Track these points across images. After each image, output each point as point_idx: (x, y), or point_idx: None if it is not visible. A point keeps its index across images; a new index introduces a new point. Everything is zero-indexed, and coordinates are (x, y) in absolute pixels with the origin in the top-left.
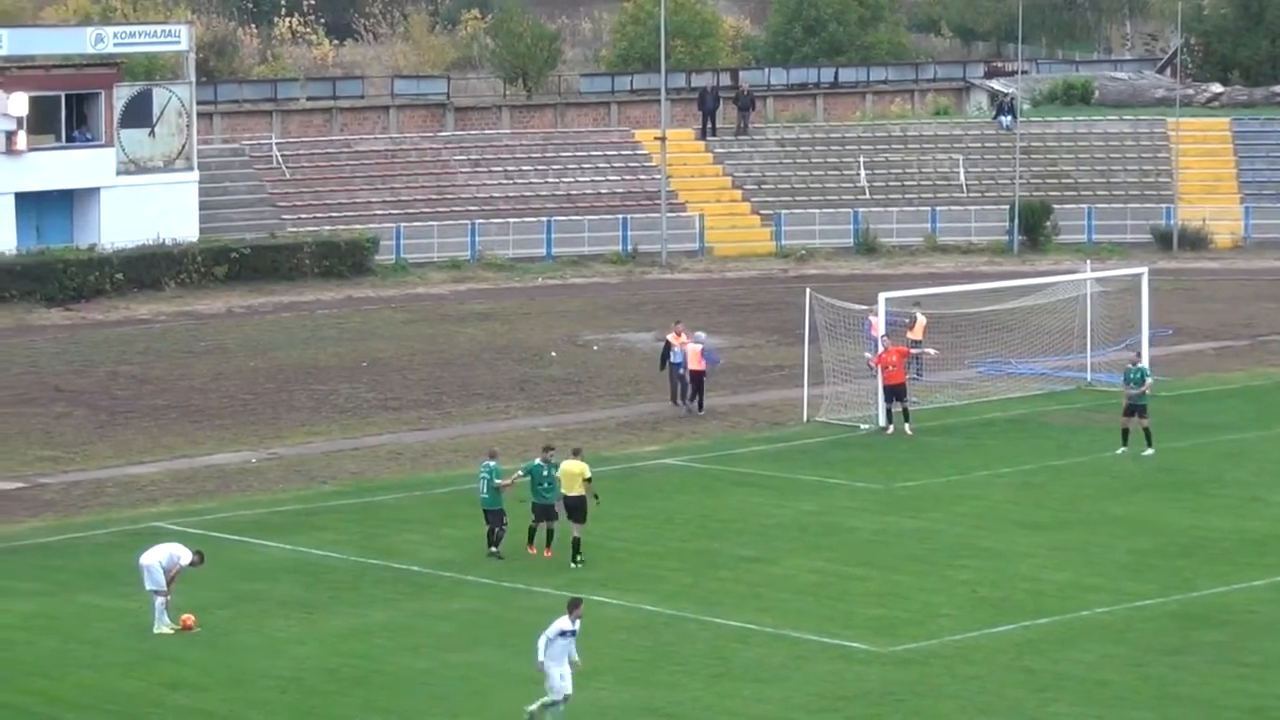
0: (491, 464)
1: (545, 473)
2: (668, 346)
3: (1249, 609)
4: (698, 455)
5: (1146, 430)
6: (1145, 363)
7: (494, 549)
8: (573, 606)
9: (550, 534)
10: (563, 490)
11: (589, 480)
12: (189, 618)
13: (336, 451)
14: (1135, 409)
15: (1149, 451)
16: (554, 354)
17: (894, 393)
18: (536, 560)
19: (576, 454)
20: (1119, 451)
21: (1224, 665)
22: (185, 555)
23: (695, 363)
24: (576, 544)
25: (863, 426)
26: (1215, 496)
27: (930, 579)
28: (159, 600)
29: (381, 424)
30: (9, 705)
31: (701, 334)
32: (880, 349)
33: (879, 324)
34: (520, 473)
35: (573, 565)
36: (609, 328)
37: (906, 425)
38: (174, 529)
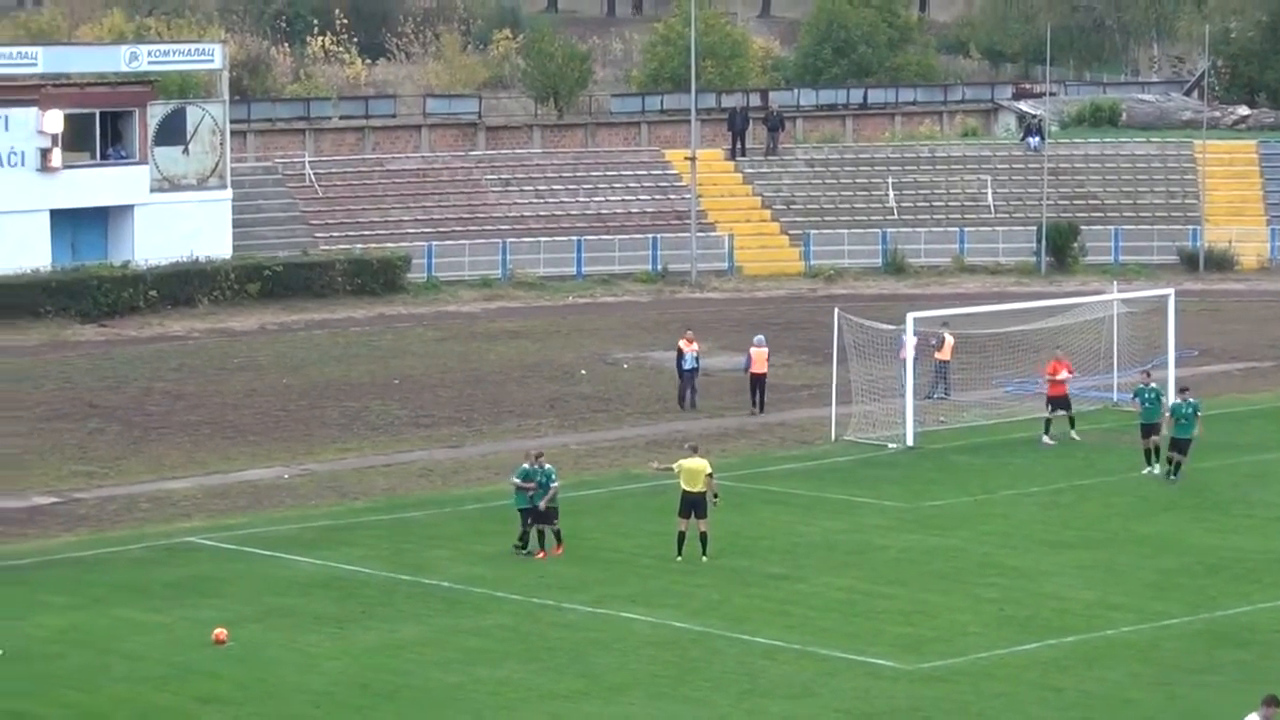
0: (548, 467)
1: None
2: (680, 353)
3: (1274, 628)
4: (727, 473)
5: (1157, 449)
6: (1170, 382)
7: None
8: None
9: (542, 535)
10: (685, 487)
11: (710, 475)
12: (222, 632)
13: (368, 468)
14: (1152, 429)
15: (1155, 470)
16: (584, 372)
17: (1058, 404)
18: (566, 576)
19: (695, 451)
20: (1145, 471)
21: (1250, 684)
22: None
23: (760, 365)
24: (704, 539)
25: (890, 445)
26: (1240, 517)
27: (957, 597)
28: None
29: (413, 441)
30: (44, 718)
31: (761, 336)
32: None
33: (908, 346)
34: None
35: (704, 559)
36: (639, 346)
37: (1073, 432)
38: (207, 544)
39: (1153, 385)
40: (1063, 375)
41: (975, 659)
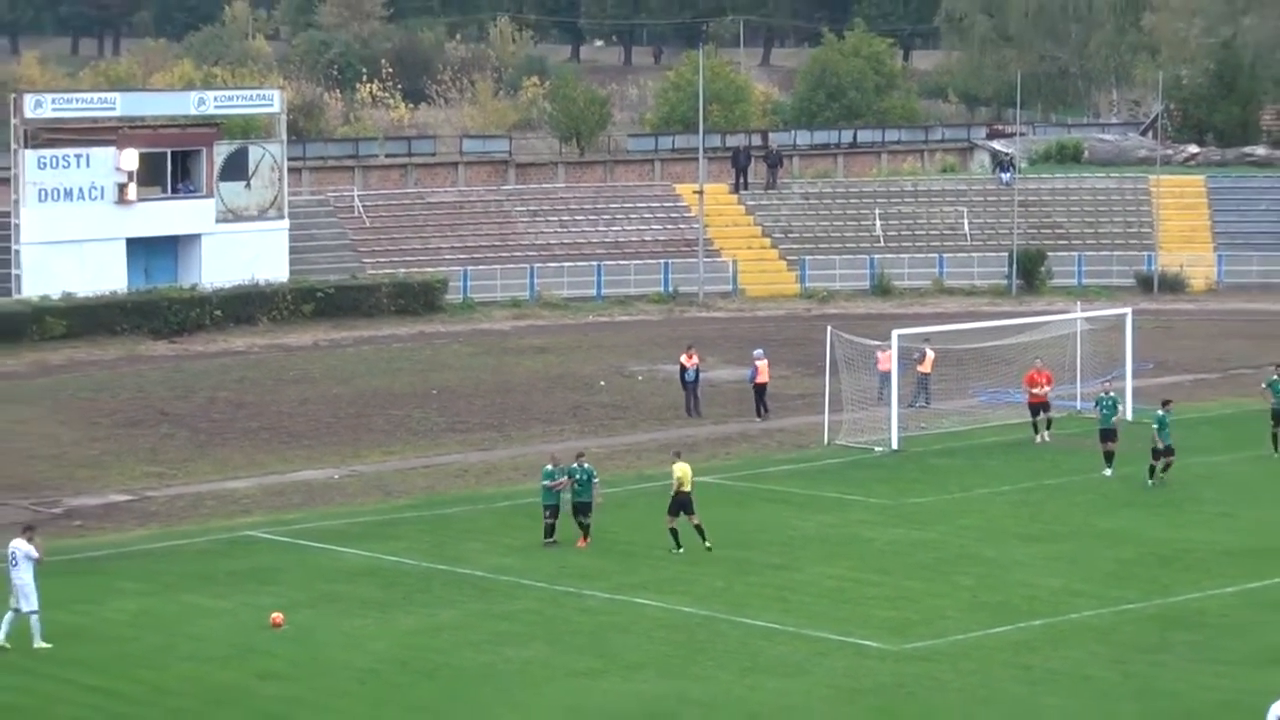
0: (588, 466)
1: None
2: (682, 368)
3: (1221, 613)
4: (730, 474)
5: (1109, 454)
6: (1128, 392)
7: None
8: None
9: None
10: (680, 488)
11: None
12: (278, 616)
13: (409, 469)
14: (1110, 434)
15: (1107, 473)
16: (603, 383)
17: (1039, 408)
18: (585, 566)
19: (678, 456)
20: (1105, 473)
21: (1199, 663)
22: (26, 548)
23: (763, 376)
24: (700, 530)
25: (877, 449)
26: (1192, 513)
27: (937, 585)
28: (35, 619)
29: (449, 445)
30: (119, 693)
31: (760, 350)
32: (890, 380)
33: (885, 359)
34: (567, 477)
35: (707, 547)
36: (652, 360)
37: (1047, 433)
38: (265, 536)
39: (1111, 395)
40: (1045, 390)
41: (953, 640)
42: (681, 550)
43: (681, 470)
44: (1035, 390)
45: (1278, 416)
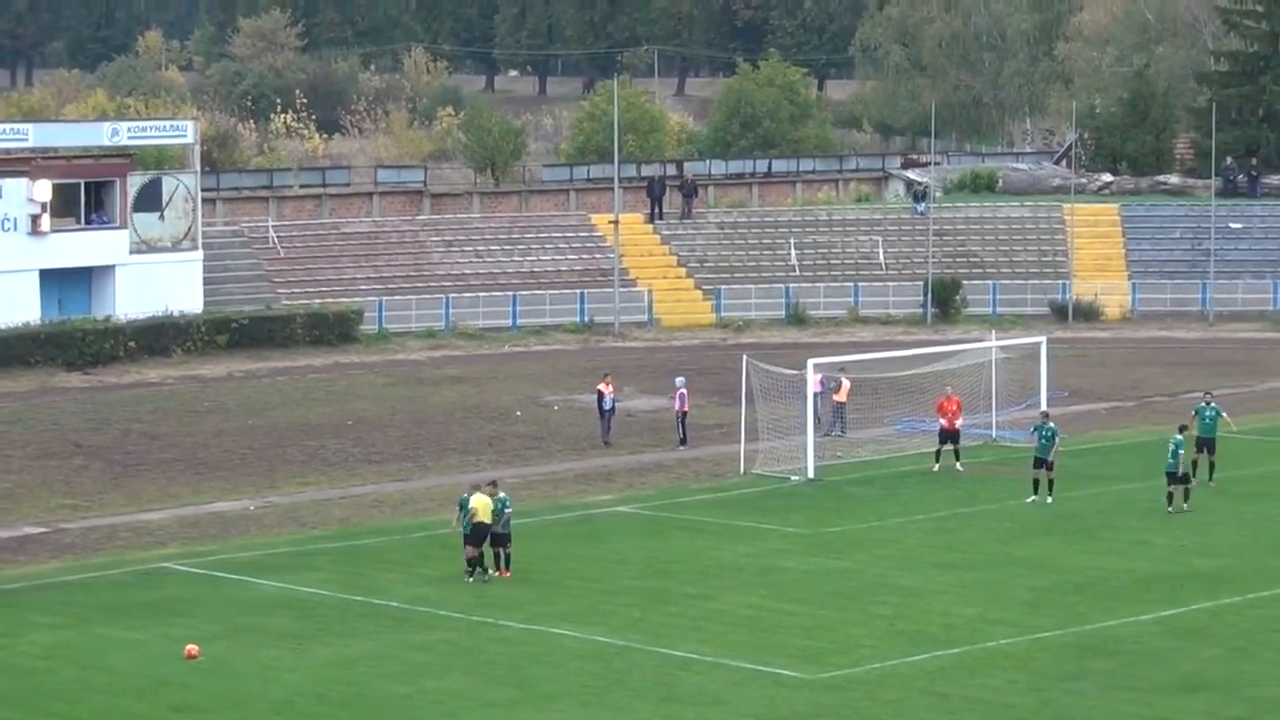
0: (502, 495)
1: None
2: (600, 395)
3: (1136, 640)
4: (647, 503)
5: (1050, 482)
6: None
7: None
8: None
9: (497, 556)
10: (480, 519)
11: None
12: (193, 648)
13: (325, 500)
14: (1044, 462)
15: (1048, 500)
16: (519, 413)
17: (949, 437)
18: (502, 596)
19: (493, 486)
20: (1029, 500)
21: (1115, 690)
22: None
23: (684, 404)
24: (497, 559)
25: (793, 478)
26: (1106, 540)
27: (853, 613)
28: None
29: (365, 475)
30: None
31: (682, 379)
32: (819, 402)
33: (816, 381)
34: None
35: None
36: (568, 390)
37: (958, 464)
38: (180, 569)
39: (1050, 425)
40: (958, 423)
41: (870, 669)
42: (483, 578)
43: (478, 501)
44: (945, 417)
45: (1203, 446)
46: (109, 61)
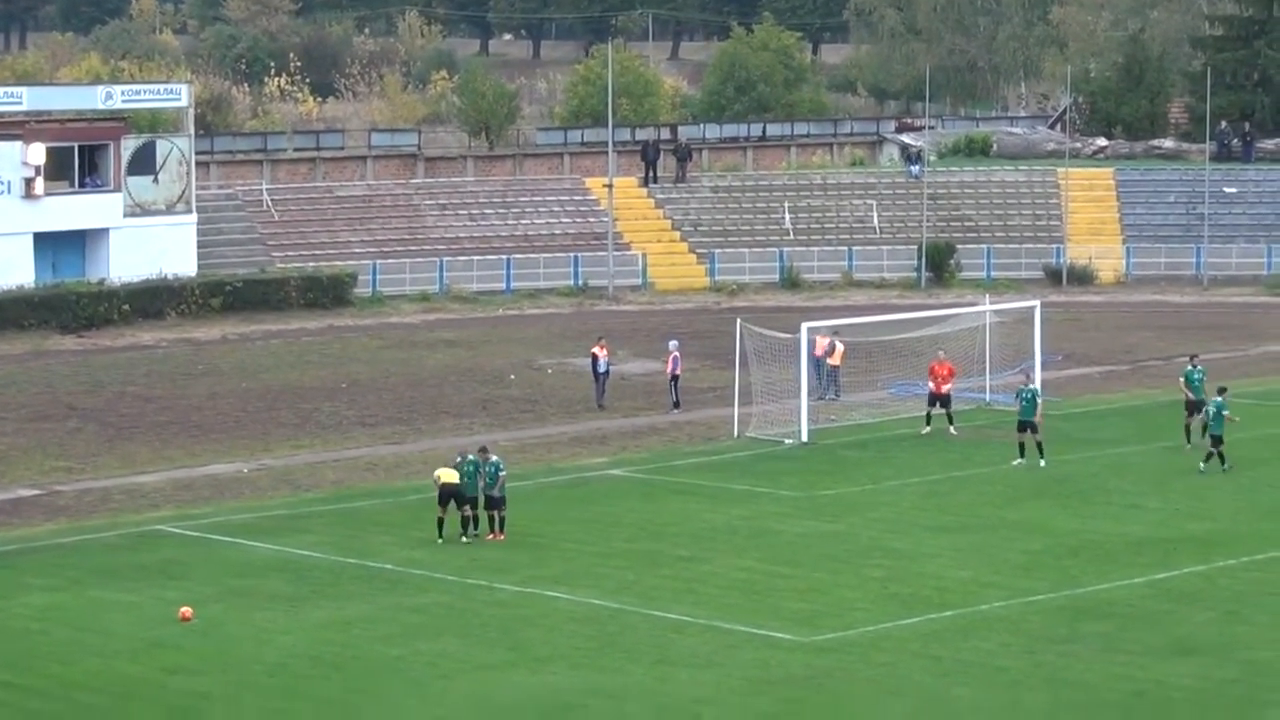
0: (494, 459)
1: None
2: (594, 358)
3: (1129, 603)
4: (640, 466)
5: (1039, 444)
6: (1037, 384)
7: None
8: None
9: (492, 519)
10: (445, 480)
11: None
12: (187, 610)
13: (319, 463)
14: (1028, 425)
15: (1041, 464)
16: (513, 376)
17: (939, 400)
18: (496, 559)
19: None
20: (1015, 463)
21: (1108, 653)
22: None
23: (677, 367)
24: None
25: (786, 441)
26: (1099, 504)
27: (846, 576)
28: None
29: (359, 439)
30: (28, 688)
31: (675, 342)
32: (820, 364)
33: (821, 345)
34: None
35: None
36: (561, 353)
37: (951, 428)
38: (174, 531)
39: (1031, 386)
40: (946, 387)
41: (863, 632)
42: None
43: (443, 472)
44: (936, 380)
45: (1192, 408)
46: (103, 25)
